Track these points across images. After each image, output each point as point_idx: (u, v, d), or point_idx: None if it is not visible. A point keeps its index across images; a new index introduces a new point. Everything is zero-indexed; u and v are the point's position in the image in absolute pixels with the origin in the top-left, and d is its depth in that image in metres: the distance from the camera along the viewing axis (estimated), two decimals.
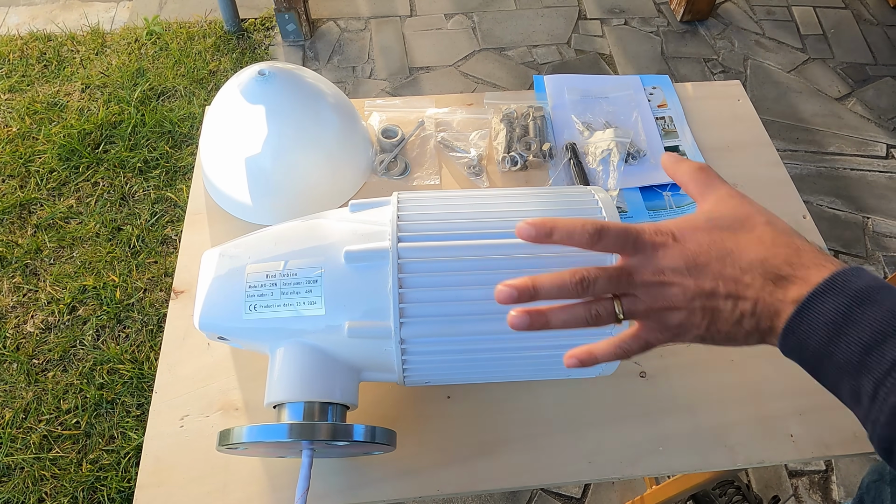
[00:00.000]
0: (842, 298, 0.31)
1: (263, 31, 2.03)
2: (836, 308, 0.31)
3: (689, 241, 0.35)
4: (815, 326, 0.31)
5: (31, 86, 1.84)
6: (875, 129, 1.79)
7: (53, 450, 1.22)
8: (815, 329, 0.31)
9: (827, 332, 0.31)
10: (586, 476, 0.56)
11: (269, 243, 0.51)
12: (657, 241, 0.35)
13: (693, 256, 0.35)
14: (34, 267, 1.47)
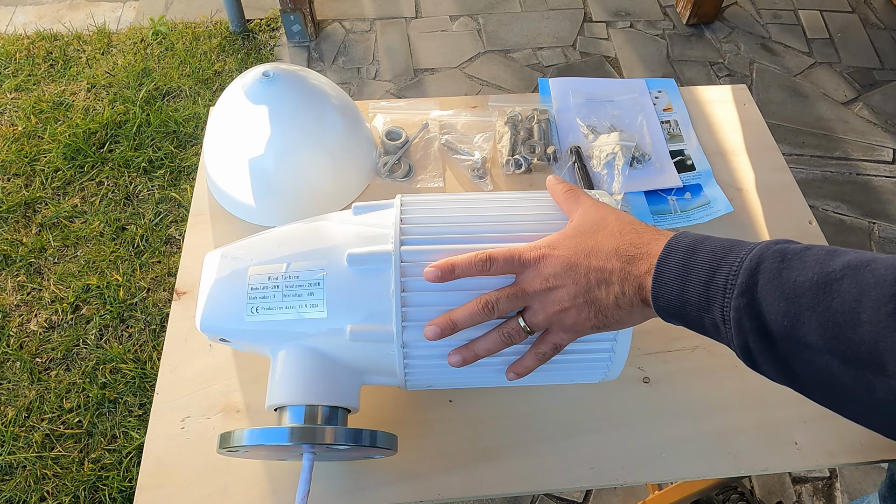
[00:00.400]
0: (677, 255, 0.39)
1: (269, 32, 2.03)
2: (676, 264, 0.38)
3: (562, 248, 0.44)
4: (669, 284, 0.39)
5: (37, 85, 1.84)
6: (882, 134, 1.78)
7: (55, 449, 1.22)
8: (669, 286, 0.39)
9: (677, 285, 0.38)
10: (589, 482, 0.55)
11: (272, 245, 0.51)
12: (537, 256, 0.44)
13: (566, 259, 0.43)
14: (38, 266, 1.48)
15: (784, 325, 0.33)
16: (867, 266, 0.32)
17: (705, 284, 0.37)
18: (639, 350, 0.62)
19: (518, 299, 0.44)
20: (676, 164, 0.76)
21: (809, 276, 0.33)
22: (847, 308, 0.31)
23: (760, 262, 0.35)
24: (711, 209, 0.72)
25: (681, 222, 0.71)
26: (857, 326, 0.31)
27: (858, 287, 0.31)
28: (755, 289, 0.35)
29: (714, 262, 0.37)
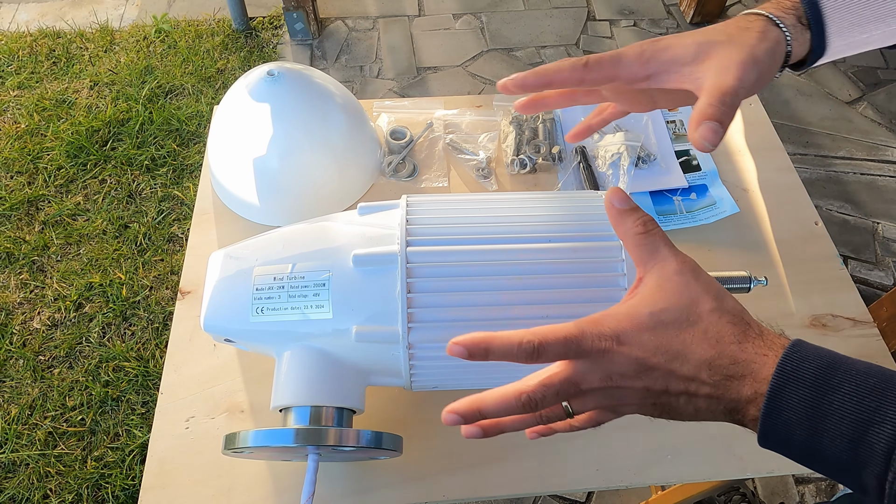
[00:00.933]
0: (800, 391, 0.30)
1: (271, 30, 2.03)
2: (799, 402, 0.30)
3: (635, 345, 0.33)
4: (789, 425, 0.30)
5: (39, 83, 1.84)
6: (886, 134, 1.77)
7: (58, 446, 1.23)
8: (789, 428, 0.30)
9: (803, 430, 0.30)
10: (594, 483, 0.55)
11: (277, 245, 0.51)
12: (601, 348, 0.33)
13: (641, 361, 0.33)
14: (41, 263, 1.48)
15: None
16: None
17: (852, 441, 0.29)
18: None
19: (568, 395, 0.35)
20: (682, 165, 0.75)
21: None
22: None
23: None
24: (717, 210, 0.71)
25: (686, 223, 0.70)
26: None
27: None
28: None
29: (862, 415, 0.29)
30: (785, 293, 0.66)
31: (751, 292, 0.53)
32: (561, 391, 0.34)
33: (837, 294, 0.66)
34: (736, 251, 0.69)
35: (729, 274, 0.53)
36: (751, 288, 0.52)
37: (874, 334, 0.64)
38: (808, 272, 0.68)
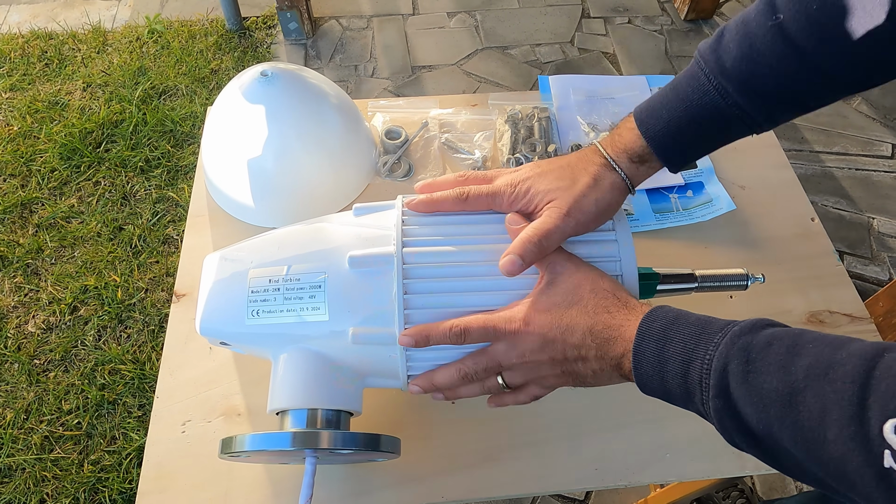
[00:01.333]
0: (651, 344, 0.39)
1: (265, 30, 2.02)
2: (651, 354, 0.39)
3: (537, 325, 0.43)
4: (648, 374, 0.39)
5: (32, 84, 1.83)
6: (881, 129, 1.78)
7: (55, 450, 1.22)
8: (649, 375, 0.39)
9: (657, 375, 0.39)
10: (592, 483, 0.55)
11: (272, 247, 0.50)
12: (512, 329, 0.44)
13: (543, 336, 0.43)
14: (35, 267, 1.47)
15: (762, 429, 0.34)
16: (826, 375, 0.31)
17: (682, 377, 0.37)
18: None
19: (495, 369, 0.46)
20: None
21: (774, 384, 0.33)
22: (813, 425, 0.31)
23: (728, 363, 0.35)
24: (713, 207, 0.71)
25: (683, 220, 0.70)
26: (825, 444, 0.30)
27: (821, 403, 0.31)
28: (728, 391, 0.35)
29: (686, 355, 0.37)
30: (782, 290, 0.66)
31: (748, 289, 0.53)
32: (489, 367, 0.45)
33: (834, 290, 0.66)
34: (733, 248, 0.69)
35: (726, 272, 0.53)
36: (748, 285, 0.52)
37: (871, 330, 0.64)
38: (804, 269, 0.68)
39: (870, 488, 0.29)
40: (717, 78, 0.45)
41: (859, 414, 0.29)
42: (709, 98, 0.45)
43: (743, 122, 0.46)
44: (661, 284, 0.51)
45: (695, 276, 0.52)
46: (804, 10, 0.41)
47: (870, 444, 0.28)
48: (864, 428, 0.29)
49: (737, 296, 0.65)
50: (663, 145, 0.48)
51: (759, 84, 0.44)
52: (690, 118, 0.46)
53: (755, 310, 0.64)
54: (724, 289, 0.53)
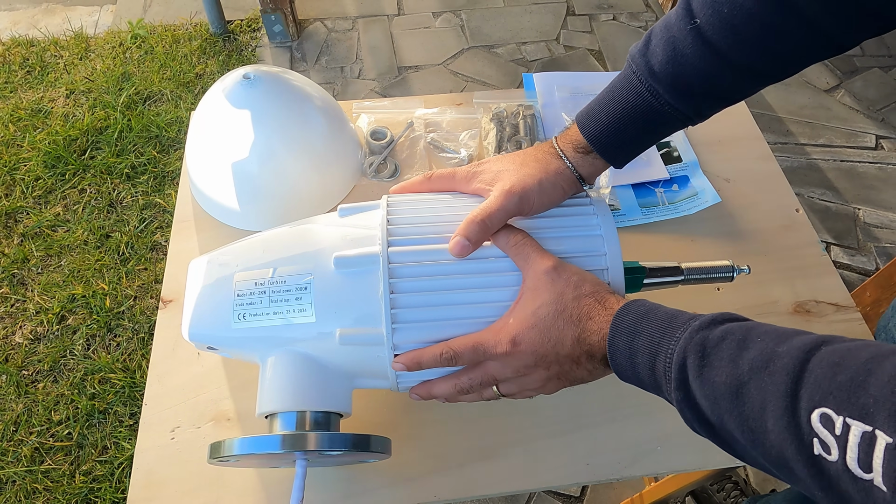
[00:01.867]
0: (622, 338, 0.41)
1: (250, 33, 2.01)
2: (623, 347, 0.41)
3: (528, 342, 0.44)
4: (623, 366, 0.41)
5: (14, 92, 1.81)
6: (864, 121, 1.79)
7: (45, 462, 1.21)
8: (624, 368, 0.41)
9: (630, 370, 0.41)
10: (585, 478, 0.55)
11: (258, 250, 0.50)
12: (503, 351, 0.44)
13: (534, 352, 0.44)
14: (21, 276, 1.45)
15: (716, 420, 0.36)
16: (767, 367, 0.33)
17: (650, 369, 0.39)
18: None
19: (491, 383, 0.47)
20: (663, 157, 0.76)
21: (724, 378, 0.35)
22: (755, 415, 0.33)
23: (686, 357, 0.37)
24: (699, 200, 0.72)
25: (669, 214, 0.70)
26: (766, 433, 0.32)
27: (762, 395, 0.33)
28: (687, 384, 0.37)
29: (653, 348, 0.39)
30: (768, 281, 0.66)
31: (734, 281, 0.54)
32: (484, 382, 0.47)
33: (820, 280, 0.67)
34: (718, 241, 0.69)
35: (712, 264, 0.53)
36: (734, 277, 0.53)
37: (857, 318, 0.64)
38: (790, 259, 0.68)
39: (803, 475, 0.31)
40: (648, 80, 0.48)
41: (792, 405, 0.31)
42: (642, 99, 0.48)
43: (676, 117, 0.49)
44: (647, 278, 0.51)
45: (681, 269, 0.52)
46: (717, 12, 0.44)
47: (801, 433, 0.30)
48: (796, 418, 0.30)
49: (723, 287, 0.65)
50: (604, 145, 0.51)
51: (685, 84, 0.47)
52: (628, 118, 0.49)
53: (742, 301, 0.65)
54: (711, 281, 0.53)
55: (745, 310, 0.64)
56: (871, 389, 0.28)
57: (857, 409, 0.28)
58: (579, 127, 0.52)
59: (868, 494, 0.27)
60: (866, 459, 0.27)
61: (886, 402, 0.28)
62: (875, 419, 0.27)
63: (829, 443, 0.29)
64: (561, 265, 0.46)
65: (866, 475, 0.27)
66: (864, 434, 0.27)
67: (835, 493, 0.29)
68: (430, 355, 0.45)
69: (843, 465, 0.28)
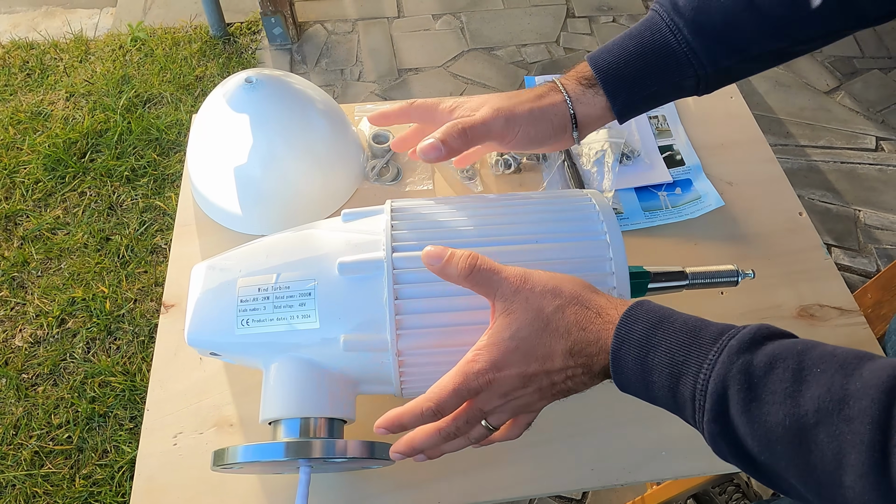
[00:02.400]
0: (631, 350, 0.36)
1: (250, 36, 2.01)
2: (633, 363, 0.36)
3: (511, 366, 0.39)
4: (632, 383, 0.37)
5: (14, 95, 1.81)
6: (864, 122, 1.79)
7: (45, 466, 1.20)
8: (634, 385, 0.37)
9: (641, 386, 0.37)
10: (589, 483, 0.55)
11: (261, 255, 0.50)
12: (486, 381, 0.39)
13: (521, 375, 0.39)
14: (21, 280, 1.45)
15: (764, 460, 0.31)
16: (841, 411, 0.28)
17: (671, 391, 0.35)
18: None
19: (479, 418, 0.41)
20: (666, 160, 0.75)
21: (781, 417, 0.30)
22: (827, 469, 0.28)
23: (727, 387, 0.32)
24: (702, 204, 0.71)
25: (672, 218, 0.70)
26: (841, 488, 0.28)
27: (836, 444, 0.28)
28: (728, 418, 0.32)
29: (675, 368, 0.34)
30: (772, 285, 0.66)
31: (739, 285, 0.53)
32: (470, 418, 0.41)
33: (823, 284, 0.67)
34: (722, 245, 0.69)
35: (716, 268, 0.53)
36: (738, 281, 0.53)
37: (861, 322, 0.64)
38: (794, 263, 0.68)
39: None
40: (670, 14, 0.47)
41: (881, 462, 0.27)
42: (660, 35, 0.48)
43: (690, 63, 0.48)
44: (652, 283, 0.51)
45: (686, 273, 0.52)
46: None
47: (892, 495, 0.26)
48: (887, 477, 0.26)
49: (727, 291, 0.65)
50: (609, 77, 0.49)
51: (707, 21, 0.46)
52: (639, 53, 0.48)
53: (746, 305, 0.65)
54: (715, 285, 0.53)
55: (749, 314, 0.64)
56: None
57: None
58: (588, 59, 0.50)
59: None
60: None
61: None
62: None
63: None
64: (525, 278, 0.41)
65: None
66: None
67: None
68: (410, 415, 0.40)
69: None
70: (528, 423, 0.44)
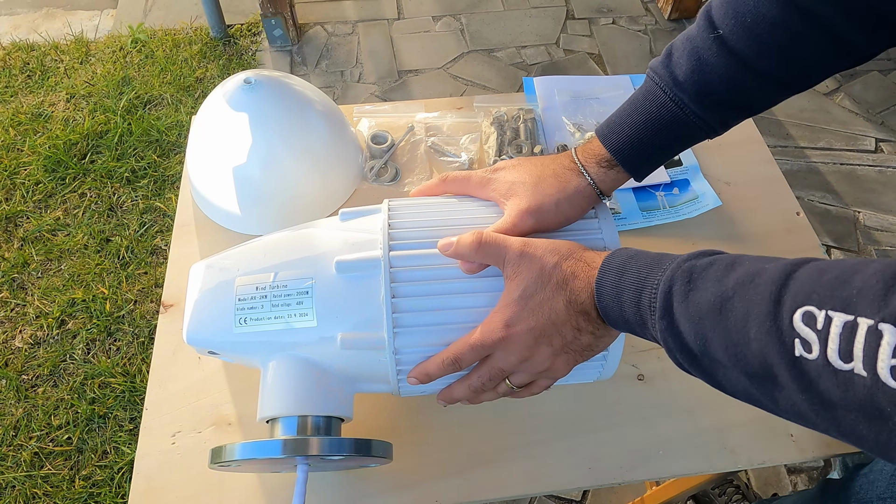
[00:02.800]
0: (610, 277, 0.41)
1: (250, 37, 2.01)
2: (610, 286, 0.41)
3: (522, 321, 0.43)
4: (610, 306, 0.41)
5: (14, 96, 1.81)
6: (863, 124, 1.79)
7: (45, 467, 1.20)
8: (612, 307, 0.41)
9: (617, 309, 0.40)
10: (587, 482, 0.55)
11: (259, 255, 0.50)
12: (500, 337, 0.43)
13: (532, 329, 0.43)
14: (21, 281, 1.45)
15: (699, 345, 0.35)
16: (752, 281, 0.33)
17: (636, 305, 0.39)
18: (633, 347, 0.62)
19: (500, 376, 0.46)
20: None
21: (708, 296, 0.34)
22: (739, 327, 0.32)
23: (672, 284, 0.37)
24: (700, 204, 0.72)
25: (670, 217, 0.70)
26: (748, 343, 0.32)
27: (745, 305, 0.32)
28: (672, 311, 0.36)
29: (639, 283, 0.39)
30: None
31: None
32: (493, 376, 0.46)
33: None
34: (719, 244, 0.69)
35: None
36: None
37: None
38: None
39: (785, 379, 0.30)
40: (672, 90, 0.48)
41: (774, 310, 0.31)
42: (667, 109, 0.49)
43: (700, 128, 0.49)
44: None
45: None
46: (739, 23, 0.45)
47: (782, 336, 0.30)
48: (778, 321, 0.30)
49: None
50: (628, 156, 0.51)
51: (710, 92, 0.47)
52: (652, 129, 0.50)
53: None
54: None
55: None
56: (856, 283, 0.28)
57: (839, 302, 0.28)
58: (601, 139, 0.51)
59: (849, 386, 0.27)
60: (847, 348, 0.27)
61: (869, 290, 0.27)
62: (857, 308, 0.27)
63: (810, 340, 0.29)
64: (528, 242, 0.45)
65: (847, 365, 0.27)
66: (846, 324, 0.27)
67: (815, 393, 0.29)
68: (434, 365, 0.45)
69: (823, 361, 0.28)
70: (547, 386, 0.48)
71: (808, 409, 0.30)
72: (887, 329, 0.26)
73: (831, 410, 0.29)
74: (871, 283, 0.28)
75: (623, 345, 0.49)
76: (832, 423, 0.29)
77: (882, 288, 0.27)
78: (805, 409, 0.30)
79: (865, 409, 0.27)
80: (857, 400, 0.27)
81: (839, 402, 0.28)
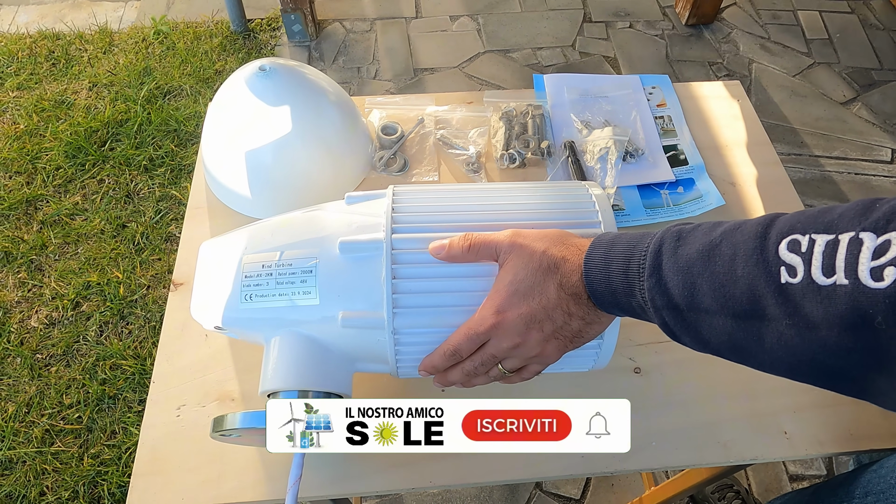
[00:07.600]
0: (600, 251, 0.42)
1: (270, 32, 2.04)
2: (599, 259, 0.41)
3: (513, 307, 0.44)
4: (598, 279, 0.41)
5: (39, 84, 1.86)
6: (880, 134, 1.78)
7: (55, 444, 1.23)
8: (599, 280, 0.41)
9: (604, 277, 0.41)
10: (579, 470, 0.56)
11: (266, 234, 0.52)
12: (492, 323, 0.44)
13: (522, 314, 0.43)
14: (39, 263, 1.49)
15: (686, 297, 0.36)
16: (738, 228, 0.35)
17: (624, 273, 0.40)
18: (630, 341, 0.63)
19: (493, 361, 0.47)
20: (669, 159, 0.76)
21: (697, 247, 0.36)
22: (726, 268, 0.34)
23: (662, 244, 0.39)
24: (703, 202, 0.72)
25: (673, 216, 0.71)
26: (736, 282, 0.33)
27: (732, 247, 0.34)
28: (661, 268, 0.38)
29: (628, 251, 0.40)
30: None
31: None
32: (485, 361, 0.46)
33: None
34: None
35: None
36: None
37: None
38: None
39: (772, 308, 0.32)
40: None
41: (761, 245, 0.33)
42: None
43: None
44: None
45: None
46: None
47: (769, 266, 0.32)
48: (765, 254, 0.32)
49: None
50: None
51: None
52: None
53: None
54: None
55: None
56: (837, 210, 0.31)
57: (822, 226, 0.30)
58: None
59: (831, 299, 0.28)
60: (829, 263, 0.29)
61: (849, 212, 0.30)
62: (838, 227, 0.29)
63: (794, 264, 0.30)
64: (518, 232, 0.46)
65: (829, 280, 0.29)
66: (829, 242, 0.29)
67: (801, 317, 0.30)
68: (438, 357, 0.47)
69: (808, 281, 0.29)
70: (536, 373, 0.49)
71: (794, 335, 0.31)
72: (867, 236, 0.28)
73: (815, 331, 0.30)
74: (851, 208, 0.30)
75: (617, 333, 0.50)
76: (818, 347, 0.30)
77: (861, 210, 0.29)
78: (790, 336, 0.31)
79: (847, 320, 0.28)
80: (839, 313, 0.28)
81: (822, 321, 0.29)
